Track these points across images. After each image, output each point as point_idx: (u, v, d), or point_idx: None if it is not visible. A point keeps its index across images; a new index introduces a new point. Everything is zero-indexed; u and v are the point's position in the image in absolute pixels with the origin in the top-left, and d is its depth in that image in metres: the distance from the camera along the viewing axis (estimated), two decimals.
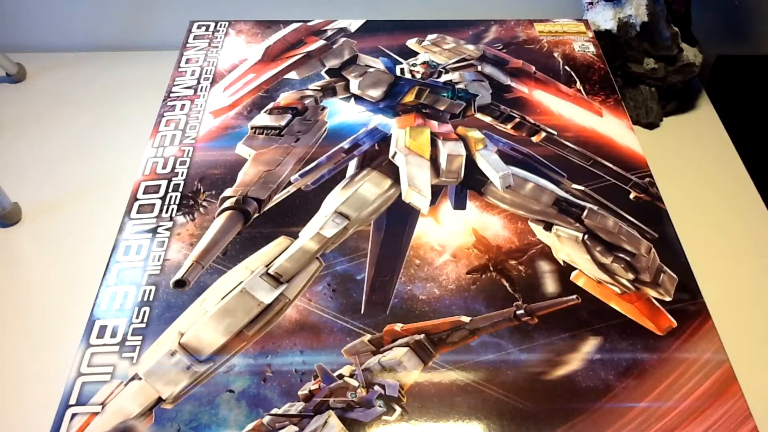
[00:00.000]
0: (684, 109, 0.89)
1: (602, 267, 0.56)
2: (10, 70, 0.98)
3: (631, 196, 0.62)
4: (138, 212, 0.60)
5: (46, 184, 0.84)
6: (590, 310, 0.53)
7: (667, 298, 0.54)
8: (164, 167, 0.64)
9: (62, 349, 0.64)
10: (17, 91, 0.99)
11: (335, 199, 0.60)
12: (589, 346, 0.50)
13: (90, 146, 0.89)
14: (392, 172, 0.62)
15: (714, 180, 0.80)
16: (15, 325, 0.70)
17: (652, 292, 0.54)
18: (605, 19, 0.76)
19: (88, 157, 0.88)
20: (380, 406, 0.47)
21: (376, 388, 0.48)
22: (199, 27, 0.82)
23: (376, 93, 0.70)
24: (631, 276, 0.55)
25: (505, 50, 0.78)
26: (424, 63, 0.74)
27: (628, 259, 0.56)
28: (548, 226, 0.58)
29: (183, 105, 0.71)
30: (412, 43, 0.78)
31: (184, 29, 0.81)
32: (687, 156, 0.83)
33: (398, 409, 0.47)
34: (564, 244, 0.57)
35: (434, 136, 0.65)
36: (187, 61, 0.76)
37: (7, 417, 0.62)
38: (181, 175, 0.63)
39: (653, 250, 0.57)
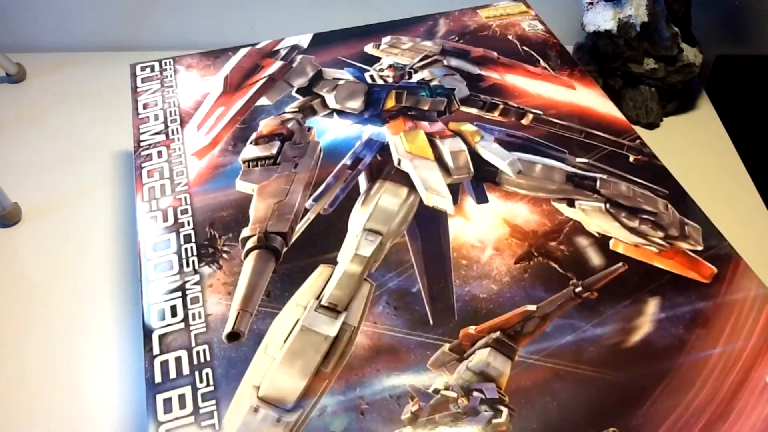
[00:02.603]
0: (684, 109, 0.89)
1: (633, 231, 0.58)
2: (10, 70, 0.97)
3: (631, 159, 0.65)
4: (156, 272, 0.56)
5: (46, 184, 0.84)
6: (639, 273, 0.55)
7: (699, 248, 0.57)
8: (165, 220, 0.60)
9: (62, 349, 0.66)
10: (17, 91, 0.98)
11: (359, 217, 0.59)
12: (652, 307, 0.52)
13: (90, 146, 0.88)
14: (404, 179, 0.62)
15: (714, 180, 0.80)
16: (15, 325, 0.68)
17: (684, 245, 0.57)
18: (605, 19, 0.77)
19: (88, 157, 0.87)
20: (486, 411, 0.46)
21: (475, 394, 0.47)
22: (143, 69, 0.77)
23: (355, 104, 0.70)
24: (660, 234, 0.58)
25: (461, 41, 0.79)
26: (390, 66, 0.74)
27: (652, 219, 0.59)
28: (571, 203, 0.60)
29: (159, 152, 0.67)
30: (369, 49, 0.78)
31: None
32: (687, 156, 0.82)
33: (505, 410, 0.47)
34: (591, 216, 0.59)
35: (430, 137, 0.65)
36: (145, 106, 0.72)
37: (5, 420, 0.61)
38: (188, 225, 0.60)
39: (670, 205, 0.60)
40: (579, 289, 0.53)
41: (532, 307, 0.52)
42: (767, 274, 0.66)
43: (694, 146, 0.84)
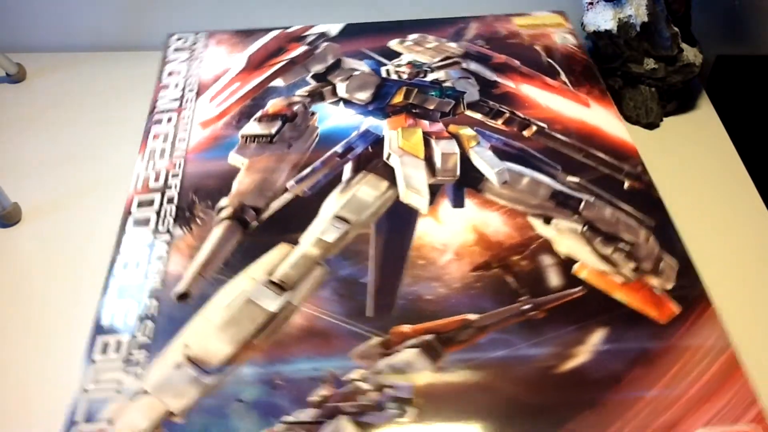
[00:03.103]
0: (684, 109, 0.87)
1: (603, 258, 0.56)
2: (10, 70, 0.97)
3: (626, 185, 0.62)
4: (133, 226, 0.60)
5: (46, 184, 0.84)
6: (595, 301, 0.53)
7: (669, 286, 0.54)
8: (156, 180, 0.64)
9: (62, 351, 0.65)
10: (17, 91, 0.98)
11: (334, 203, 0.60)
12: (596, 337, 0.51)
13: (90, 146, 0.89)
14: (388, 174, 0.62)
15: (714, 180, 0.79)
16: (15, 326, 0.69)
17: (653, 280, 0.55)
18: (605, 19, 0.75)
19: (88, 157, 0.87)
20: (392, 409, 0.47)
21: (387, 390, 0.48)
22: (178, 39, 0.81)
23: (364, 95, 0.70)
24: (632, 265, 0.56)
25: (487, 46, 0.78)
26: (408, 63, 0.75)
27: (627, 248, 0.57)
28: (547, 220, 0.59)
29: (170, 118, 0.70)
30: (394, 44, 0.78)
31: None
32: (687, 156, 0.81)
33: (410, 411, 0.46)
34: (564, 236, 0.58)
35: (427, 136, 0.65)
36: (170, 73, 0.76)
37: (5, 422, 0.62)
38: (175, 188, 0.63)
39: (652, 237, 0.57)
40: (526, 306, 0.52)
41: (473, 317, 0.52)
42: (767, 274, 0.62)
43: (694, 146, 0.83)
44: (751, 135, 0.86)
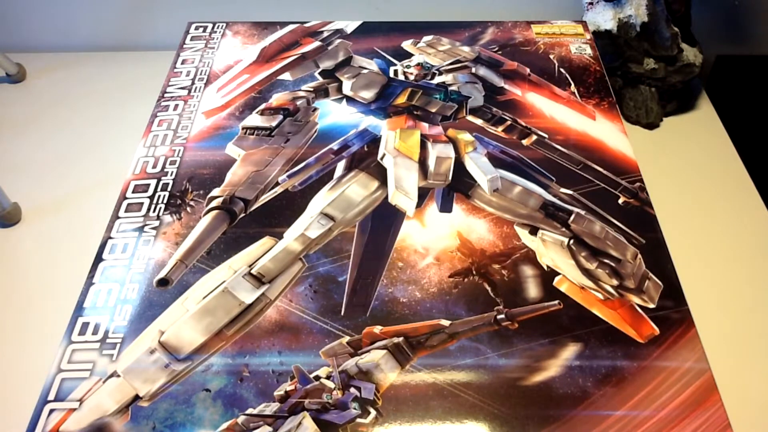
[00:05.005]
0: (684, 109, 0.89)
1: (586, 272, 0.55)
2: (10, 70, 0.98)
3: (620, 200, 0.61)
4: (126, 211, 0.61)
5: (46, 184, 0.85)
6: (572, 315, 0.52)
7: (651, 306, 0.53)
8: (154, 166, 0.65)
9: None
10: (17, 91, 0.99)
11: (321, 200, 0.60)
12: (569, 352, 0.50)
13: (90, 146, 0.89)
14: (380, 174, 0.62)
15: (714, 180, 0.80)
16: (15, 325, 0.70)
17: (635, 299, 0.54)
18: (605, 19, 0.76)
19: (88, 157, 0.88)
20: (355, 409, 0.47)
21: (352, 390, 0.48)
22: (197, 28, 0.82)
23: (368, 94, 0.70)
24: (615, 282, 0.55)
25: (500, 52, 0.77)
26: (418, 65, 0.74)
27: (613, 264, 0.56)
28: (534, 230, 0.58)
29: (176, 105, 0.71)
30: (407, 45, 0.78)
31: (183, 30, 0.81)
32: (687, 156, 0.82)
33: (373, 412, 0.46)
34: (549, 248, 0.57)
35: (424, 138, 0.65)
36: (183, 61, 0.77)
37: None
38: (171, 175, 0.64)
39: (639, 256, 0.56)
40: (501, 316, 0.52)
41: (446, 323, 0.51)
42: (766, 275, 0.63)
43: (694, 146, 0.84)
44: (751, 135, 0.87)
